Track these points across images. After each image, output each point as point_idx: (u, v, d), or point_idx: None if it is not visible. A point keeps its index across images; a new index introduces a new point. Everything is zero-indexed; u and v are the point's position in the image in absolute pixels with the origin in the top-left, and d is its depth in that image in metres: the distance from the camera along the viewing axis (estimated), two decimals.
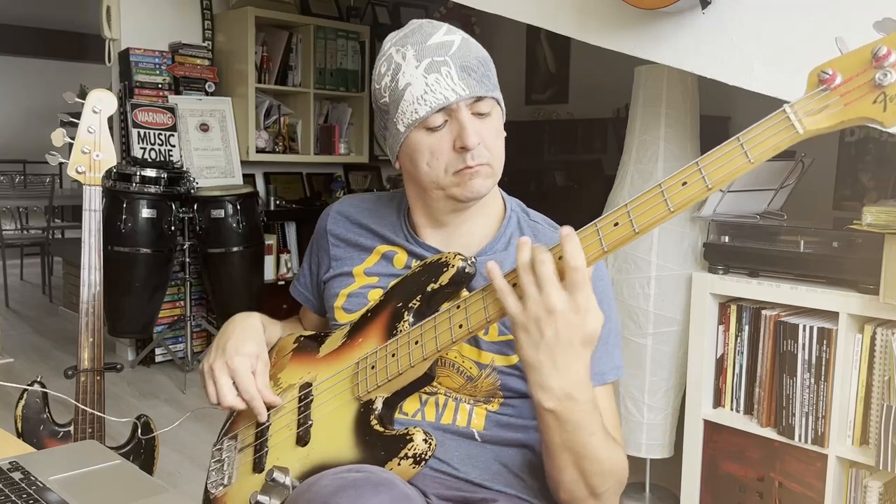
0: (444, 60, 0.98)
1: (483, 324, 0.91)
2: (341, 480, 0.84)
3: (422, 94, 0.98)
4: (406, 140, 1.02)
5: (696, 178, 0.79)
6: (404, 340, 0.97)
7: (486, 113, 1.00)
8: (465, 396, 1.03)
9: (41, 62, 8.32)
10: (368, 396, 0.99)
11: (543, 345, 0.83)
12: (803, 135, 0.75)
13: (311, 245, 1.24)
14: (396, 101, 1.00)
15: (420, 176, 1.03)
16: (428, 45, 1.00)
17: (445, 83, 0.97)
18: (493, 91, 1.02)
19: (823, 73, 0.73)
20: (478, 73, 1.00)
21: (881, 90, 0.71)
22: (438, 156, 1.00)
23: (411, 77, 0.98)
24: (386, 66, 1.03)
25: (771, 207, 2.19)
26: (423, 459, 0.92)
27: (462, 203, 1.04)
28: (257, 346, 1.10)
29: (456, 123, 0.98)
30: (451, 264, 0.99)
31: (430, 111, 0.97)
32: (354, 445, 0.96)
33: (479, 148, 0.99)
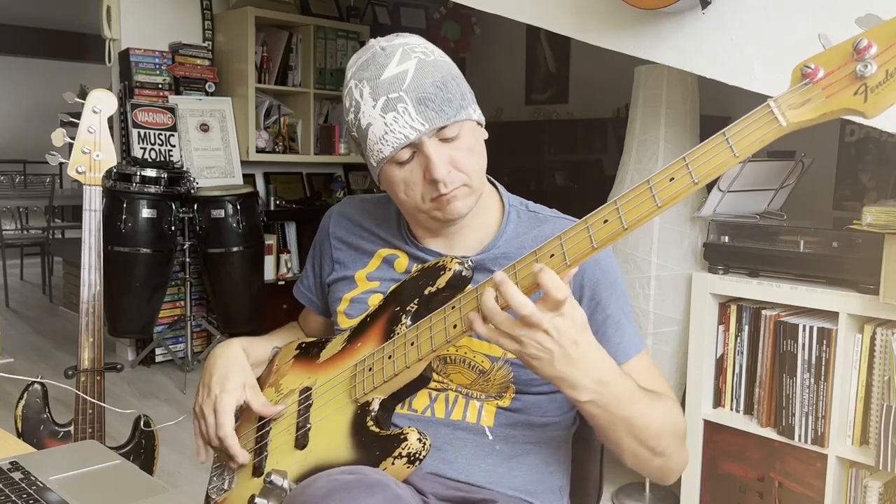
0: (398, 97, 0.97)
1: None
2: (334, 483, 0.84)
3: (382, 134, 0.98)
4: (381, 173, 1.04)
5: (682, 173, 0.80)
6: (400, 342, 0.98)
7: (452, 137, 0.99)
8: (476, 392, 1.03)
9: (41, 62, 8.32)
10: (365, 398, 0.99)
11: (556, 360, 0.85)
12: (787, 128, 0.76)
13: (313, 247, 1.24)
14: (363, 139, 1.02)
15: (401, 204, 1.05)
16: (381, 80, 0.98)
17: (403, 121, 0.97)
18: (455, 115, 0.99)
19: (806, 68, 0.75)
20: (436, 102, 0.97)
21: (862, 82, 0.72)
22: (413, 186, 1.01)
23: (370, 118, 0.99)
24: (349, 102, 1.03)
25: (771, 207, 2.19)
26: (418, 459, 0.93)
27: (447, 223, 1.05)
28: (242, 377, 1.10)
29: (423, 156, 0.98)
30: (447, 268, 0.99)
31: (394, 150, 0.98)
32: (351, 447, 0.97)
33: (451, 175, 0.99)
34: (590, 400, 0.88)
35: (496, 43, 5.22)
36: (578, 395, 0.88)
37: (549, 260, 0.86)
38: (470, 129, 1.02)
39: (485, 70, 5.24)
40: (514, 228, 1.09)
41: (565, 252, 0.85)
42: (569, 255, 0.85)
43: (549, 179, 4.71)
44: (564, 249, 0.85)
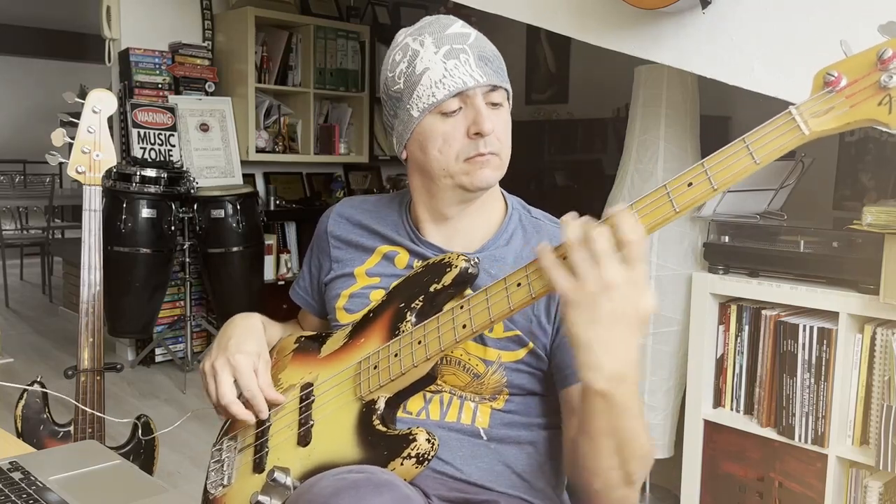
0: (462, 48, 1.01)
1: (487, 323, 0.91)
2: (342, 481, 0.84)
3: (440, 77, 0.99)
4: (419, 126, 1.02)
5: (701, 178, 0.79)
6: (407, 340, 0.97)
7: (499, 103, 1.03)
8: (470, 394, 1.03)
9: (41, 62, 8.32)
10: (371, 396, 0.99)
11: (599, 322, 0.79)
12: (809, 136, 0.75)
13: (311, 248, 1.24)
14: (412, 86, 1.01)
15: (430, 163, 1.03)
16: (447, 34, 1.02)
17: (464, 69, 0.99)
18: (506, 83, 1.04)
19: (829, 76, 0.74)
20: (493, 65, 1.02)
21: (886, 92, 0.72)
22: (451, 142, 1.00)
23: (430, 62, 1.00)
24: (402, 54, 1.04)
25: (771, 207, 2.19)
26: (427, 459, 0.92)
27: (469, 193, 1.04)
28: (258, 345, 1.10)
29: (471, 110, 1.00)
30: (454, 265, 0.99)
31: (448, 95, 0.99)
32: (356, 445, 0.96)
33: (491, 136, 1.00)
34: (602, 391, 0.82)
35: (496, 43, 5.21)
36: (595, 379, 0.81)
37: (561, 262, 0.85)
38: (508, 109, 1.06)
39: None
40: (515, 231, 1.09)
41: None
42: None
43: (549, 179, 4.70)
44: None
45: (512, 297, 0.88)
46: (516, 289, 0.88)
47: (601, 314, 0.79)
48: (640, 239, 0.78)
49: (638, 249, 0.78)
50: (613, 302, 0.78)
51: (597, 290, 0.78)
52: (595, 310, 0.79)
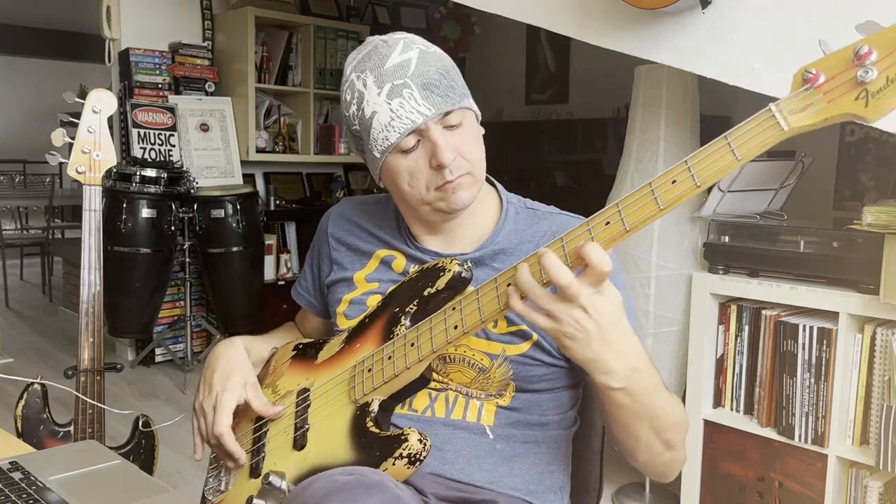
0: (404, 83, 0.97)
1: (478, 324, 0.92)
2: (333, 483, 0.84)
3: (388, 121, 0.98)
4: (384, 165, 1.03)
5: (684, 176, 0.80)
6: (400, 343, 0.98)
7: (456, 124, 1.00)
8: (476, 391, 1.03)
9: (41, 62, 8.32)
10: (365, 399, 0.99)
11: (593, 339, 0.84)
12: (788, 132, 0.77)
13: (312, 248, 1.24)
14: (367, 129, 1.01)
15: (404, 196, 1.04)
16: (385, 69, 0.99)
17: (410, 106, 0.97)
18: (459, 101, 1.00)
19: (807, 73, 0.76)
20: (441, 88, 0.98)
21: (863, 87, 0.73)
22: (418, 175, 1.00)
23: (375, 105, 0.99)
24: (350, 94, 1.02)
25: (771, 207, 2.19)
26: (419, 459, 0.93)
27: (450, 214, 1.04)
28: (243, 375, 1.10)
29: (428, 142, 0.98)
30: (447, 269, 0.99)
31: (400, 137, 0.98)
32: (350, 448, 0.97)
33: (455, 161, 0.99)
34: (622, 387, 0.86)
35: (496, 43, 5.21)
36: (611, 381, 0.86)
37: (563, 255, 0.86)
38: (470, 119, 1.04)
39: (485, 70, 5.24)
40: (513, 225, 1.09)
41: (567, 254, 0.85)
42: (570, 257, 0.85)
43: (549, 179, 4.71)
44: (566, 251, 0.85)
45: (502, 297, 0.89)
46: (507, 288, 0.89)
47: (592, 334, 0.83)
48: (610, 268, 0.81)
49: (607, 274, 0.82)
50: (595, 315, 0.83)
51: (577, 316, 0.83)
52: (585, 332, 0.83)
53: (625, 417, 0.91)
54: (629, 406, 0.89)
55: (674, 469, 0.99)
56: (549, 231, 1.07)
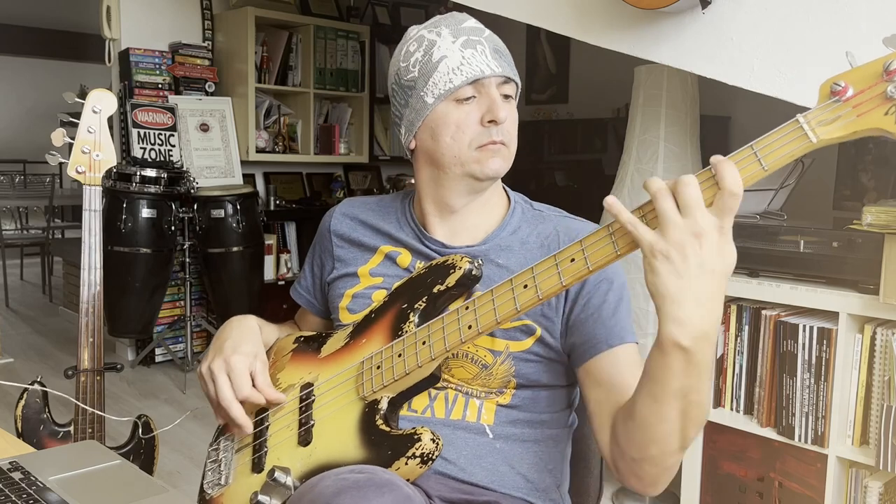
0: (479, 40, 1.04)
1: (493, 325, 0.91)
2: (343, 481, 0.84)
3: (458, 65, 1.01)
4: (433, 112, 1.04)
5: (710, 182, 0.79)
6: (411, 341, 0.97)
7: (510, 96, 1.05)
8: (476, 389, 1.03)
9: (41, 62, 8.32)
10: (374, 396, 0.99)
11: (688, 272, 0.76)
12: (817, 144, 0.77)
13: (313, 247, 1.23)
14: (428, 74, 1.03)
15: (441, 150, 1.04)
16: (462, 26, 1.05)
17: (480, 58, 1.02)
18: (517, 77, 1.07)
19: (836, 85, 0.75)
20: (507, 58, 1.06)
21: (893, 102, 0.73)
22: (464, 129, 1.02)
23: (447, 50, 1.02)
24: (417, 45, 1.06)
25: (771, 207, 2.19)
26: (431, 459, 0.92)
27: (477, 182, 1.05)
28: (255, 347, 1.09)
29: (485, 98, 1.02)
30: (457, 266, 0.99)
31: (465, 81, 1.01)
32: (359, 445, 0.96)
33: (504, 125, 1.02)
34: (686, 347, 0.78)
35: None
36: (680, 333, 0.77)
37: (569, 264, 0.85)
38: (515, 102, 1.08)
39: None
40: (518, 223, 1.09)
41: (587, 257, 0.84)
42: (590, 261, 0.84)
43: (549, 179, 4.71)
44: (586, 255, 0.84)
45: (519, 298, 0.88)
46: (523, 290, 0.88)
47: (690, 265, 0.76)
48: (740, 191, 0.77)
49: (736, 201, 0.77)
50: (703, 251, 0.76)
51: (685, 238, 0.76)
52: (684, 259, 0.76)
53: (667, 390, 0.82)
54: (679, 375, 0.80)
55: (668, 478, 0.92)
56: (553, 232, 1.07)
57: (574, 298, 1.02)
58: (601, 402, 0.98)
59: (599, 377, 0.98)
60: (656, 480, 0.92)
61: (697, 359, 0.79)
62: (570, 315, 1.02)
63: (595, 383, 0.99)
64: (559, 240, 1.06)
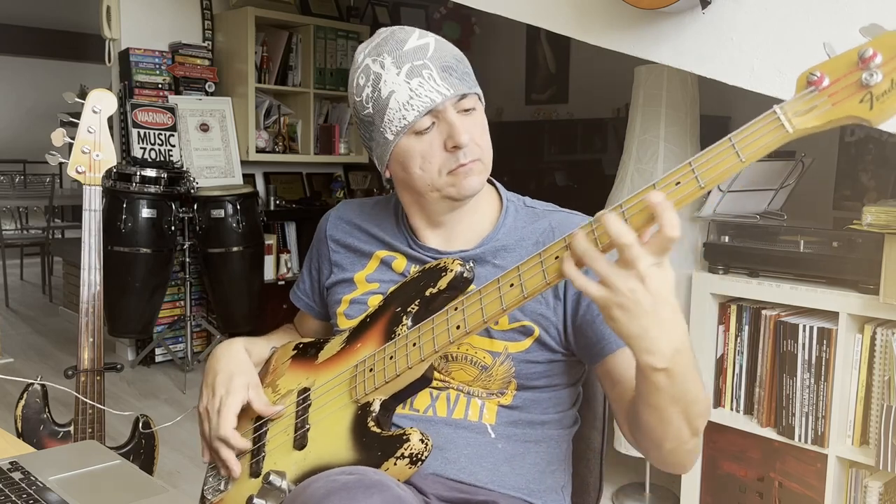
0: (423, 64, 0.99)
1: (481, 324, 0.92)
2: (333, 483, 0.84)
3: (407, 99, 0.98)
4: (396, 148, 1.02)
5: (689, 177, 0.80)
6: (402, 343, 0.98)
7: (471, 108, 1.02)
8: (478, 389, 1.03)
9: (41, 62, 8.32)
10: (366, 399, 0.99)
11: (644, 313, 0.80)
12: (793, 134, 0.77)
13: (311, 251, 1.24)
14: (381, 111, 1.01)
15: (413, 181, 1.03)
16: (404, 51, 1.00)
17: (429, 86, 0.98)
18: (474, 87, 1.03)
19: (812, 76, 0.76)
20: (458, 72, 1.01)
21: (867, 90, 0.73)
22: (430, 158, 1.00)
23: (394, 84, 0.99)
24: (364, 78, 1.02)
25: (771, 207, 2.19)
26: (420, 459, 0.93)
27: (458, 202, 1.04)
28: (246, 377, 1.10)
29: (444, 124, 0.99)
30: (449, 269, 0.99)
31: (419, 115, 0.98)
32: (351, 447, 0.97)
33: (469, 145, 1.00)
34: (665, 368, 0.82)
35: (496, 43, 5.22)
36: (655, 360, 0.82)
37: (554, 262, 0.86)
38: (481, 109, 1.06)
39: (485, 70, 5.23)
40: (513, 222, 1.09)
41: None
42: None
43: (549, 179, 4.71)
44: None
45: (505, 297, 0.89)
46: (509, 289, 0.89)
47: (644, 306, 0.80)
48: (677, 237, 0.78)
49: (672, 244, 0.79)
50: (652, 288, 0.79)
51: (632, 286, 0.79)
52: (637, 304, 0.80)
53: (662, 401, 0.86)
54: (668, 389, 0.85)
55: (694, 458, 0.96)
56: (548, 227, 1.07)
57: (576, 298, 1.02)
58: (622, 398, 0.99)
59: (616, 375, 1.00)
60: (684, 463, 0.96)
61: (678, 370, 0.83)
62: (576, 315, 1.02)
63: (612, 382, 1.01)
64: (554, 235, 1.05)
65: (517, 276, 0.88)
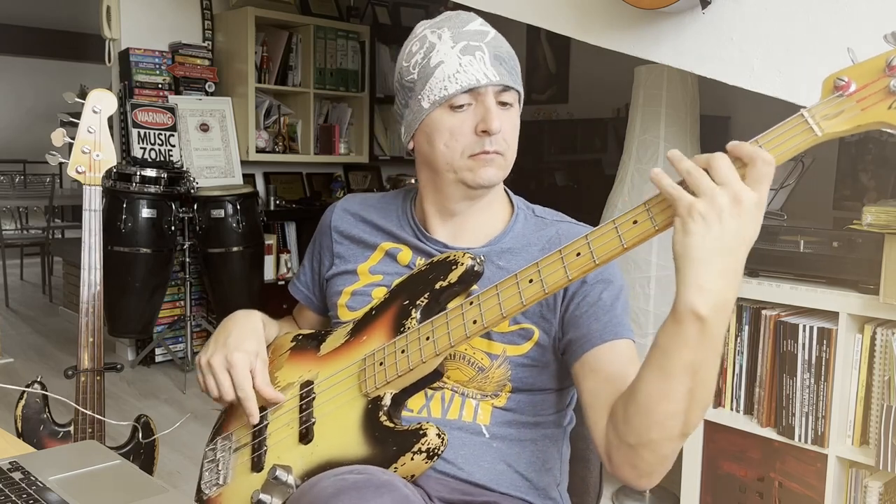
0: (479, 45, 1.01)
1: (498, 319, 0.91)
2: (342, 482, 0.84)
3: (454, 72, 1.00)
4: (428, 118, 1.03)
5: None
6: (414, 336, 0.97)
7: (509, 104, 1.03)
8: (472, 390, 1.03)
9: (41, 62, 8.32)
10: (377, 393, 0.98)
11: (720, 238, 0.75)
12: (822, 137, 0.78)
13: (313, 242, 1.23)
14: (426, 78, 1.02)
15: (435, 156, 1.03)
16: (465, 30, 1.03)
17: (478, 66, 1.00)
18: (518, 85, 1.04)
19: (839, 80, 0.77)
20: (508, 65, 1.03)
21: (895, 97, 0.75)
22: (458, 137, 1.01)
23: (445, 56, 1.01)
24: (419, 45, 1.04)
25: (771, 207, 2.19)
26: (436, 454, 0.92)
27: (471, 189, 1.04)
28: (257, 344, 1.09)
29: (481, 107, 1.00)
30: (460, 262, 0.99)
31: (459, 90, 0.99)
32: (362, 442, 0.96)
33: (498, 136, 1.01)
34: (704, 317, 0.76)
35: None
36: (700, 301, 0.76)
37: (575, 258, 0.86)
38: (517, 110, 1.06)
39: None
40: (522, 228, 1.09)
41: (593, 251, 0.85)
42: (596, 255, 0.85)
43: (549, 179, 4.70)
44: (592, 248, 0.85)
45: (524, 292, 0.89)
46: (528, 285, 0.89)
47: (726, 229, 0.75)
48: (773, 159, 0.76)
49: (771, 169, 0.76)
50: (742, 219, 0.75)
51: (724, 204, 0.75)
52: (721, 223, 0.75)
53: (676, 364, 0.80)
54: (693, 347, 0.79)
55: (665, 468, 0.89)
56: (555, 235, 1.07)
57: (570, 297, 1.02)
58: (596, 393, 0.95)
59: (595, 367, 0.97)
60: (653, 470, 0.90)
61: (713, 331, 0.78)
62: (566, 313, 1.02)
63: (590, 373, 0.97)
64: (560, 243, 1.04)
65: (536, 271, 0.88)
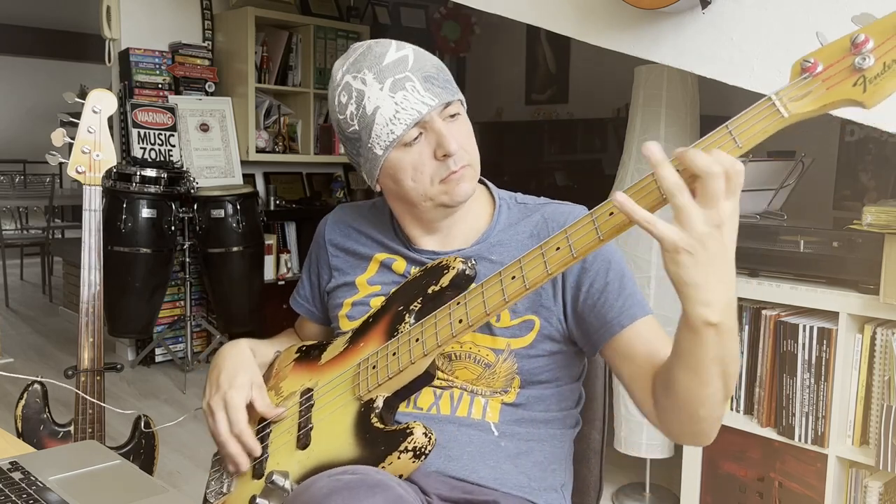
0: (405, 76, 1.00)
1: (483, 317, 0.92)
2: (336, 483, 0.84)
3: (393, 114, 0.99)
4: (385, 162, 1.03)
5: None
6: (405, 339, 0.98)
7: (456, 114, 1.03)
8: (481, 388, 1.03)
9: (41, 62, 8.32)
10: (369, 395, 0.99)
11: (710, 261, 0.77)
12: (789, 119, 0.78)
13: (309, 256, 1.24)
14: (368, 127, 1.01)
15: (406, 192, 1.04)
16: (384, 65, 1.01)
17: (414, 98, 0.99)
18: (456, 94, 1.04)
19: (805, 62, 0.78)
20: (439, 80, 1.02)
21: (860, 73, 0.75)
22: (422, 169, 1.01)
23: (378, 100, 1.00)
24: (347, 96, 1.03)
25: (771, 207, 2.19)
26: (424, 453, 0.93)
27: (452, 208, 1.05)
28: (250, 375, 1.10)
29: (432, 133, 1.00)
30: (451, 267, 1.00)
31: (406, 128, 0.99)
32: (354, 444, 0.97)
33: (459, 152, 1.01)
34: (718, 322, 0.79)
35: (496, 43, 5.21)
36: (710, 313, 0.79)
37: (555, 253, 0.86)
38: (464, 113, 1.06)
39: (485, 70, 5.24)
40: (507, 219, 1.10)
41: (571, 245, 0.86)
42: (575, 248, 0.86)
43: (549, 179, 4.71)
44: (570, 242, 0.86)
45: (507, 289, 0.90)
46: (511, 281, 0.89)
47: (712, 253, 0.77)
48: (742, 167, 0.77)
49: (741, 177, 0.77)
50: (724, 238, 0.77)
51: (706, 231, 0.76)
52: (706, 250, 0.76)
53: (705, 360, 0.83)
54: (714, 346, 0.81)
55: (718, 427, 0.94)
56: (541, 219, 1.08)
57: (575, 285, 1.02)
58: (635, 376, 0.98)
59: (626, 352, 0.99)
60: (711, 432, 0.94)
61: (727, 327, 0.81)
62: (577, 303, 1.02)
63: (623, 358, 1.00)
64: (547, 226, 1.07)
65: (519, 268, 0.89)
